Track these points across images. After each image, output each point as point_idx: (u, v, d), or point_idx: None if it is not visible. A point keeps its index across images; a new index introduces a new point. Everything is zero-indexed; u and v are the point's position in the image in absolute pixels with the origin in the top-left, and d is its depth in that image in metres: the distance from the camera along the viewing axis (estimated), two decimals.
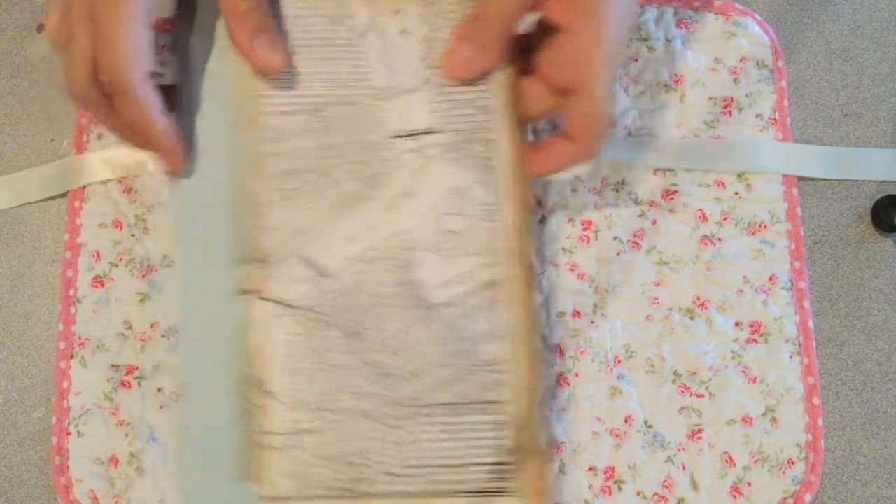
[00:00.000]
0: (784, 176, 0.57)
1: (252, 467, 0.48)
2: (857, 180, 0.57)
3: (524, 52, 0.50)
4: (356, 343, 0.49)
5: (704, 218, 0.56)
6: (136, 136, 0.48)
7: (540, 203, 0.57)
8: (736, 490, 0.53)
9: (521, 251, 0.49)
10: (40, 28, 0.61)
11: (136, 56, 0.45)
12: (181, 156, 0.49)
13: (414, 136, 0.50)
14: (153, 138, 0.48)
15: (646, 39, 0.59)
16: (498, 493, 0.47)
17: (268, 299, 0.49)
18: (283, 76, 0.50)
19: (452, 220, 0.49)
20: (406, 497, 0.47)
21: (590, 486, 0.53)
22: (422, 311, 0.49)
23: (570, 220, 0.56)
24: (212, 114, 0.50)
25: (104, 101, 0.47)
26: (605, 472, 0.53)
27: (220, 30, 0.51)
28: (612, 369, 0.55)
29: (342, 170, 0.50)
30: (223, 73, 0.51)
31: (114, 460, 0.54)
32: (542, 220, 0.56)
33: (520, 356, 0.48)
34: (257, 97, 0.50)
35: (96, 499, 0.54)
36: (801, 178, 0.57)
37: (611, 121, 0.48)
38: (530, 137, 0.56)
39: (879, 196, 0.56)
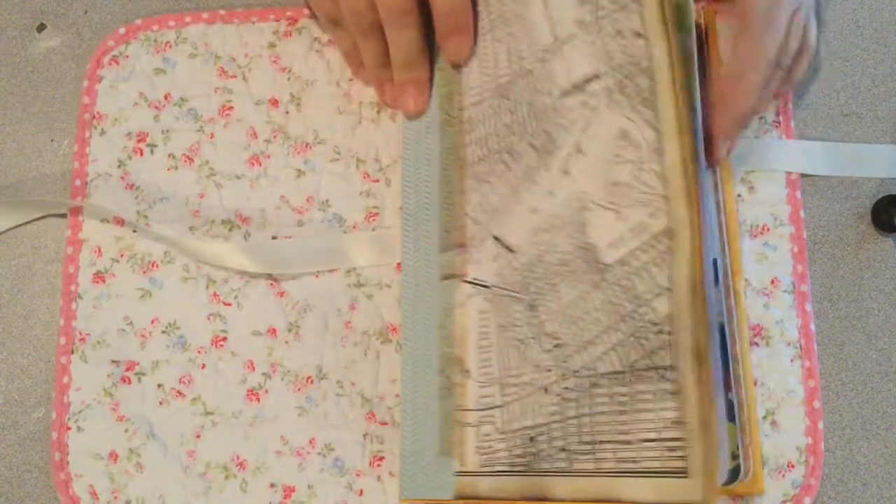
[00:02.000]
0: (787, 178, 0.56)
1: (452, 443, 0.49)
2: (857, 180, 0.57)
3: None
4: (535, 315, 0.48)
5: None
6: (407, 63, 0.52)
7: None
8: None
9: (690, 189, 0.44)
10: (40, 28, 0.61)
11: None
12: (430, 91, 0.53)
13: (580, 88, 0.49)
14: (420, 62, 0.52)
15: None
16: (671, 473, 0.43)
17: (467, 281, 0.50)
18: (474, 67, 0.52)
19: (619, 170, 0.47)
20: (580, 476, 0.45)
21: None
22: (595, 275, 0.47)
23: None
24: (426, 115, 0.54)
25: (381, 38, 0.51)
26: None
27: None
28: None
29: (522, 143, 0.50)
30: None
31: (113, 456, 0.54)
32: None
33: (684, 311, 0.43)
34: (458, 94, 0.52)
35: (95, 494, 0.54)
36: (801, 178, 0.57)
37: None
38: None
39: (880, 196, 0.56)
